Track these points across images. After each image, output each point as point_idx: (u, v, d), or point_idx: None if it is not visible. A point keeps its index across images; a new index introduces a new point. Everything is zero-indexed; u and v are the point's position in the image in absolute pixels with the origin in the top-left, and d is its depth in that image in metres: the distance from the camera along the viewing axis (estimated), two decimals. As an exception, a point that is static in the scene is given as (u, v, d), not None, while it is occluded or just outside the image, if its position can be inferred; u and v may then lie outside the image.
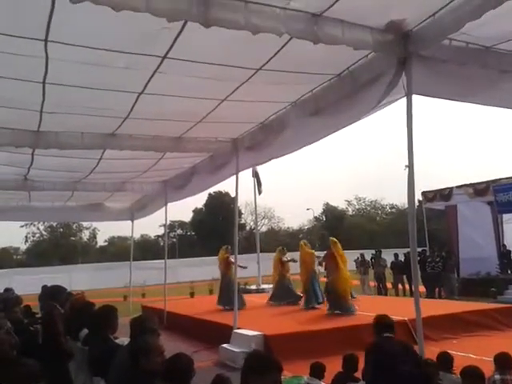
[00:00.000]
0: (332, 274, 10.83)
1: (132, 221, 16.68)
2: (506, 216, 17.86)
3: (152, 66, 5.37)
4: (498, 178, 16.80)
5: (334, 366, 5.21)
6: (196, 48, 5.01)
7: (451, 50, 4.88)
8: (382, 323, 4.51)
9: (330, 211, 65.51)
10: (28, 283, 21.87)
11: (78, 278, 28.68)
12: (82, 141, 7.78)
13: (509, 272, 17.46)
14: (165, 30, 4.44)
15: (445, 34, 4.53)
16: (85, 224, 59.20)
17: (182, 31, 4.50)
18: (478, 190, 17.01)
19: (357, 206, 69.22)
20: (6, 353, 5.12)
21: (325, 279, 11.41)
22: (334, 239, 11.44)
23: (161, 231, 57.61)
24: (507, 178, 16.29)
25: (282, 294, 12.91)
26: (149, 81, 5.78)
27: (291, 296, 12.84)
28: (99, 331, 4.63)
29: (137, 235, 55.35)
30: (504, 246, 18.21)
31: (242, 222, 59.91)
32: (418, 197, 19.01)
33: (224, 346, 8.30)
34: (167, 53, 5.02)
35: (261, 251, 20.30)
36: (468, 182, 17.78)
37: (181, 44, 4.79)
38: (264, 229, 62.81)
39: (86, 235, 63.64)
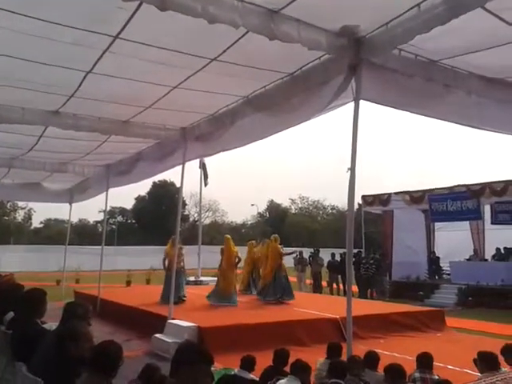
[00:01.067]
0: None
1: (70, 204, 16.13)
2: (438, 224, 18.86)
3: (102, 45, 5.19)
4: (433, 187, 17.68)
5: (265, 359, 5.29)
6: (150, 31, 4.89)
7: (400, 61, 5.07)
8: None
9: (273, 208, 66.34)
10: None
11: (9, 259, 27.35)
12: (23, 116, 7.40)
13: (436, 277, 18.48)
14: (119, 9, 4.32)
15: (395, 43, 4.69)
16: (20, 203, 56.49)
17: (137, 12, 4.38)
18: (415, 197, 17.84)
19: (300, 205, 70.57)
20: None
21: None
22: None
23: (100, 217, 56.22)
24: (442, 188, 17.19)
25: (276, 290, 12.01)
26: (98, 60, 5.58)
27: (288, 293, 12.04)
28: (26, 315, 4.45)
29: (74, 219, 53.68)
30: (433, 252, 19.24)
31: (186, 213, 59.37)
32: (358, 200, 19.66)
33: (157, 335, 8.21)
34: (119, 33, 4.87)
35: (203, 243, 20.23)
36: (405, 190, 18.60)
37: (134, 25, 4.66)
38: (207, 221, 62.65)
39: (20, 215, 60.79)
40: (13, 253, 32.32)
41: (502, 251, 16.66)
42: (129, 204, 61.82)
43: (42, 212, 71.33)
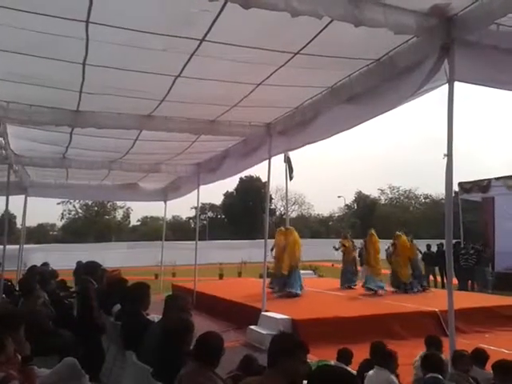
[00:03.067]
0: None
1: (165, 202, 16.93)
2: (545, 210, 17.29)
3: (190, 49, 5.37)
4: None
5: (361, 353, 5.21)
6: (234, 31, 4.98)
7: (498, 36, 4.67)
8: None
9: (361, 199, 64.71)
10: (63, 259, 22.58)
11: (111, 256, 29.38)
12: (119, 121, 7.92)
13: (546, 268, 16.95)
14: (203, 12, 4.45)
15: (492, 18, 4.34)
16: (119, 203, 60.59)
17: (221, 13, 4.47)
18: (518, 182, 16.48)
19: (390, 195, 68.16)
20: (43, 323, 5.35)
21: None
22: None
23: (192, 213, 58.49)
24: (549, 171, 15.71)
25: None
26: (186, 64, 5.79)
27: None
28: (132, 307, 4.76)
29: (168, 216, 56.27)
30: (542, 240, 17.64)
31: (273, 207, 59.98)
32: (455, 187, 18.54)
33: (252, 327, 8.41)
34: (205, 35, 5.00)
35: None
36: (507, 175, 17.26)
37: (219, 26, 4.77)
38: (294, 214, 62.78)
39: (119, 214, 65.19)
40: (114, 249, 34.67)
41: None
42: (218, 200, 63.83)
43: (138, 210, 75.90)
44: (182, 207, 69.89)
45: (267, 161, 9.35)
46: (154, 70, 6.03)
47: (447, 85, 4.79)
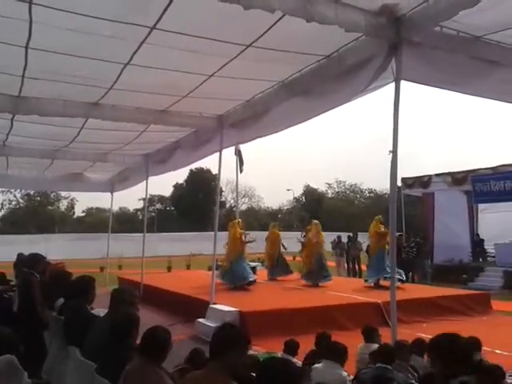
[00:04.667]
0: None
1: (112, 193, 16.55)
2: (481, 206, 18.29)
3: (140, 37, 5.25)
4: (476, 168, 17.12)
5: (306, 344, 5.32)
6: (186, 20, 4.90)
7: (442, 38, 4.88)
8: None
9: (310, 193, 65.88)
10: (2, 251, 21.59)
11: (54, 248, 28.34)
12: (64, 108, 7.61)
13: (480, 260, 17.97)
14: (155, -1, 4.35)
15: (438, 20, 4.53)
16: (63, 194, 58.40)
17: (173, 1, 4.39)
18: (457, 178, 17.34)
19: (336, 189, 69.79)
20: (-21, 319, 5.07)
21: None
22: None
23: (140, 205, 57.34)
24: (485, 169, 16.63)
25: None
26: (136, 51, 5.65)
27: None
28: (76, 301, 4.62)
29: (115, 208, 55.02)
30: (477, 235, 18.68)
31: (223, 199, 59.88)
32: (398, 183, 19.25)
33: (199, 320, 8.38)
34: (156, 23, 4.90)
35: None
36: (446, 171, 18.10)
37: (170, 15, 4.67)
38: (244, 207, 63.01)
39: (63, 205, 62.90)
40: (57, 241, 33.56)
41: (552, 232, 16.04)
42: (167, 192, 62.92)
43: (84, 201, 73.40)
44: (130, 198, 68.36)
45: (218, 153, 9.31)
46: (102, 56, 5.84)
47: (394, 83, 4.94)
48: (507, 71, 5.34)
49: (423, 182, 18.53)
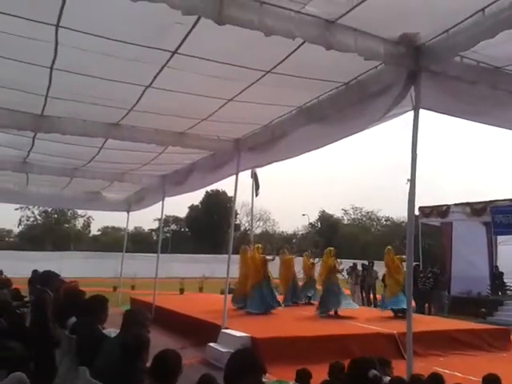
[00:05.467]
0: None
1: (128, 212, 16.66)
2: (500, 238, 17.92)
3: (161, 60, 5.36)
4: (495, 199, 16.85)
5: (319, 373, 5.19)
6: (207, 45, 5.00)
7: (462, 68, 4.88)
8: None
9: (325, 218, 65.46)
10: (18, 267, 21.76)
11: (68, 265, 28.53)
12: (85, 128, 7.77)
13: (499, 293, 17.50)
14: (177, 24, 4.44)
15: (457, 50, 4.53)
16: (79, 212, 59.02)
17: (195, 27, 4.49)
18: (476, 209, 17.07)
19: (352, 216, 69.22)
20: (-9, 335, 5.08)
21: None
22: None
23: (155, 225, 57.57)
24: (505, 200, 16.35)
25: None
26: (157, 75, 5.76)
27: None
28: (88, 320, 4.60)
29: (130, 227, 55.19)
30: (497, 267, 18.25)
31: (237, 222, 59.85)
32: (416, 211, 19.02)
33: (211, 344, 8.27)
34: (178, 48, 5.01)
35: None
36: (465, 201, 17.85)
37: (192, 40, 4.78)
38: (258, 231, 62.84)
39: (79, 223, 63.47)
40: (72, 259, 33.78)
41: None
42: (182, 213, 63.14)
43: (100, 220, 74.07)
44: (145, 219, 68.79)
45: (234, 176, 9.34)
46: (123, 78, 5.97)
47: (413, 111, 4.93)
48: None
49: (441, 211, 18.28)
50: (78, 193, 15.02)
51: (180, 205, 63.47)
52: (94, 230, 65.65)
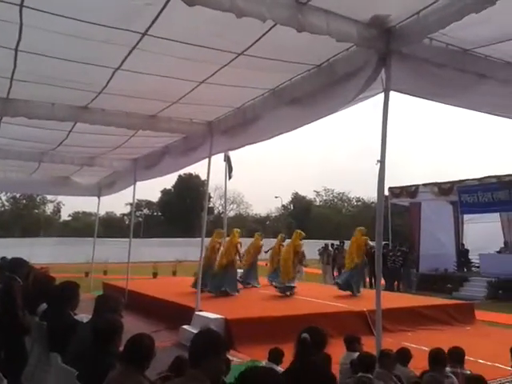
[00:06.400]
0: None
1: (99, 197, 16.40)
2: (466, 216, 18.49)
3: (131, 42, 5.23)
4: (462, 179, 17.32)
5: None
6: (177, 27, 4.90)
7: (431, 50, 4.94)
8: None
9: (298, 200, 66.05)
10: (-15, 254, 21.21)
11: (39, 251, 27.95)
12: (53, 112, 7.56)
13: (465, 270, 18.16)
14: (147, 6, 4.35)
15: (427, 32, 4.58)
16: (49, 197, 57.80)
17: (165, 8, 4.39)
18: (443, 189, 17.52)
19: (324, 197, 70.10)
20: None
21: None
22: None
23: (127, 209, 57.01)
24: (471, 180, 16.82)
25: None
26: (127, 57, 5.63)
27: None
28: (59, 306, 4.56)
29: (102, 212, 54.61)
30: (463, 244, 18.89)
31: (211, 205, 59.74)
32: (385, 192, 19.39)
33: (184, 327, 8.31)
34: (147, 29, 4.90)
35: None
36: (433, 181, 18.28)
37: (162, 22, 4.68)
38: (232, 214, 62.96)
39: (49, 208, 62.25)
40: (42, 245, 33.10)
41: (535, 244, 16.28)
42: (155, 197, 62.63)
43: (70, 205, 72.84)
44: (117, 203, 68.05)
45: (207, 159, 9.29)
46: (92, 60, 5.81)
47: (383, 93, 4.99)
48: (494, 84, 5.42)
49: (410, 191, 18.68)
50: (47, 178, 14.65)
51: (152, 189, 62.88)
52: (65, 216, 64.64)
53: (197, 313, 8.58)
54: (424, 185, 18.39)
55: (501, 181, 15.62)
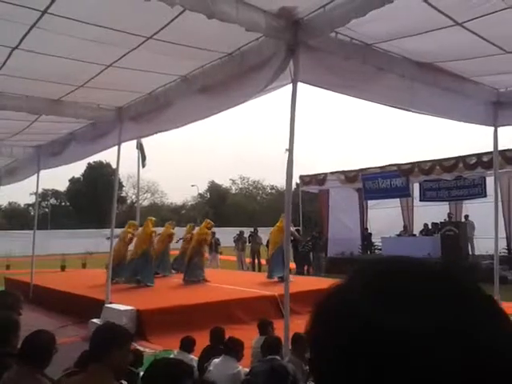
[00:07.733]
0: None
1: (-3, 186, 15.25)
2: (371, 202, 19.68)
3: (30, 20, 4.89)
4: (366, 167, 18.36)
5: (205, 339, 5.35)
6: (82, 7, 4.66)
7: (336, 44, 5.16)
8: None
9: (214, 189, 66.03)
10: None
11: None
12: None
13: (368, 252, 19.36)
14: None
15: (332, 26, 4.76)
16: None
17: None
18: (349, 177, 18.48)
19: (240, 186, 70.75)
20: None
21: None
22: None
23: (32, 199, 53.36)
24: (374, 168, 17.90)
25: None
26: (25, 35, 5.25)
27: None
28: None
29: (4, 202, 50.81)
30: (366, 229, 20.09)
31: (123, 194, 57.87)
32: (296, 180, 20.06)
33: (93, 320, 8.04)
34: (48, 7, 4.60)
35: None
36: (340, 169, 19.20)
37: (64, 0, 4.43)
38: (146, 203, 61.47)
39: None
40: None
41: (430, 226, 17.69)
42: (62, 186, 59.36)
43: (-34, 195, 66.80)
44: (20, 193, 63.33)
45: (117, 146, 8.97)
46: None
47: (291, 84, 5.13)
48: (392, 78, 5.80)
49: (319, 179, 19.43)
50: None
51: (60, 177, 59.23)
52: (-40, 207, 59.19)
53: (106, 305, 8.33)
54: (332, 173, 19.22)
55: (400, 169, 16.78)
